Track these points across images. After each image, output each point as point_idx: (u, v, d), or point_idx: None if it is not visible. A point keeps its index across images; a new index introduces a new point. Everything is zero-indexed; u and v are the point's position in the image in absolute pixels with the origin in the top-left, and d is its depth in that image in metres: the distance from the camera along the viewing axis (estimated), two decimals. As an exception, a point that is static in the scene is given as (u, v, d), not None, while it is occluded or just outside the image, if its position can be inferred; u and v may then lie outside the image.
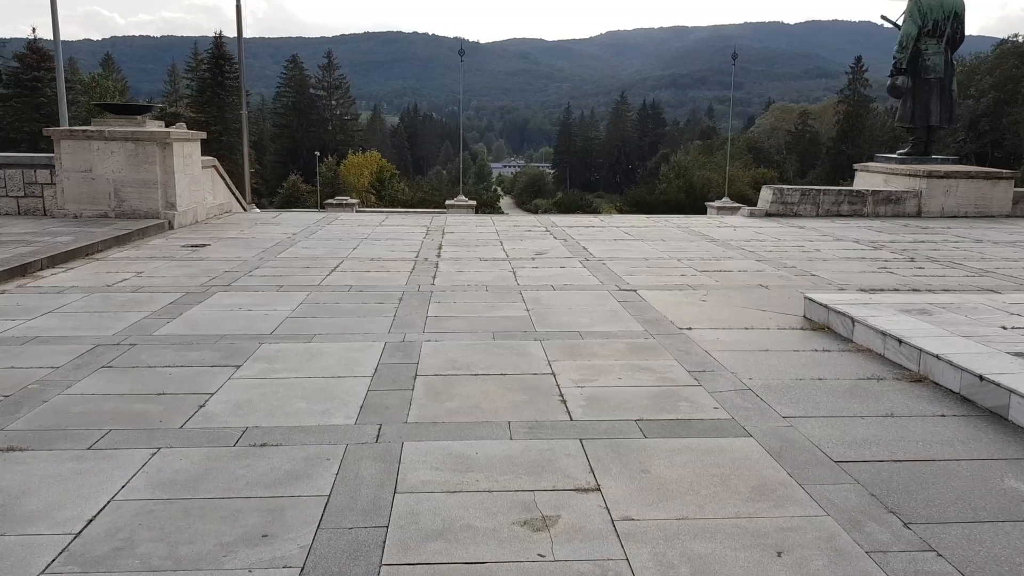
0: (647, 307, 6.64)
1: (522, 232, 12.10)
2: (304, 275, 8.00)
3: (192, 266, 8.50)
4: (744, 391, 4.44)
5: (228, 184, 15.14)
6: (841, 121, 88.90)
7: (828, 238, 11.83)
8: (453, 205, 37.93)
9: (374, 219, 13.78)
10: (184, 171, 11.98)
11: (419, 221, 13.52)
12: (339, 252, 9.64)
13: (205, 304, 6.60)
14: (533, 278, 8.01)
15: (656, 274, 8.32)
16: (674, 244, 10.80)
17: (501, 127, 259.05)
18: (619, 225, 13.19)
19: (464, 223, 13.57)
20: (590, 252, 9.92)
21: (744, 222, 14.05)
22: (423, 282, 7.71)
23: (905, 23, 15.91)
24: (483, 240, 11.09)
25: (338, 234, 11.49)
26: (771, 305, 6.81)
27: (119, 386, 4.44)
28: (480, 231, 12.23)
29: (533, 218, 14.86)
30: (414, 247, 10.24)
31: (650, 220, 14.16)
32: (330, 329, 5.77)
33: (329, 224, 12.77)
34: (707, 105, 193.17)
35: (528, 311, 6.45)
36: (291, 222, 12.99)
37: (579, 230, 12.40)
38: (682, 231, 12.40)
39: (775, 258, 9.61)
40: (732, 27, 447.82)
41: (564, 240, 11.14)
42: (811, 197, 15.17)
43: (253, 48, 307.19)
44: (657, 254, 9.82)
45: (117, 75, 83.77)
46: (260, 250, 9.71)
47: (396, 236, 11.43)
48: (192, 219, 12.32)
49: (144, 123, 11.72)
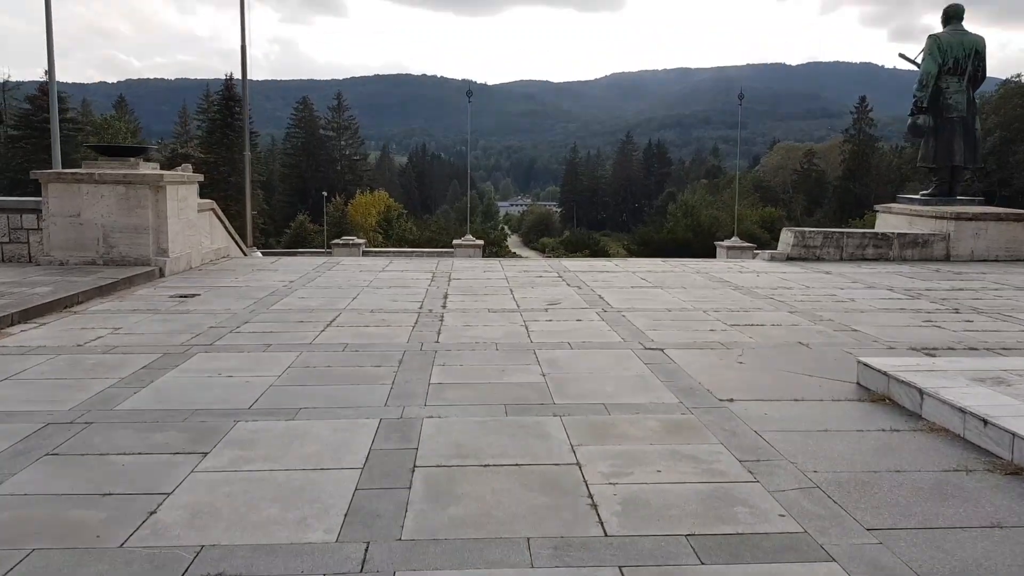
0: (678, 371, 5.89)
1: (533, 278, 11.42)
2: (296, 331, 7.30)
3: (176, 320, 7.82)
4: (811, 489, 3.67)
5: (227, 227, 14.57)
6: (847, 160, 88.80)
7: (859, 285, 11.08)
8: (460, 245, 37.38)
9: (377, 263, 13.14)
10: (178, 215, 11.40)
11: (424, 266, 12.87)
12: (337, 303, 8.95)
13: (181, 369, 5.89)
14: (547, 334, 7.29)
15: (682, 329, 7.58)
16: (697, 292, 10.08)
17: (508, 166, 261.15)
18: (635, 270, 12.50)
19: (472, 267, 12.91)
20: (607, 302, 9.21)
21: (766, 267, 13.34)
22: (427, 339, 6.99)
23: (924, 61, 15.40)
24: (492, 288, 10.40)
25: (338, 281, 10.82)
26: (817, 368, 6.05)
27: (60, 482, 3.70)
28: (488, 277, 11.55)
29: (544, 262, 14.20)
30: (418, 296, 9.55)
31: (667, 265, 13.46)
32: (318, 401, 5.04)
33: (330, 270, 12.12)
34: (711, 144, 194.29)
35: (544, 376, 5.71)
36: (290, 268, 12.35)
37: (593, 276, 11.70)
38: (703, 277, 11.69)
39: (808, 309, 8.87)
40: (735, 68, 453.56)
41: (578, 288, 10.44)
42: (834, 240, 14.47)
43: (265, 90, 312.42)
44: (680, 304, 9.09)
45: (129, 116, 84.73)
46: (253, 301, 9.03)
47: (399, 283, 10.76)
48: (186, 265, 11.70)
49: (137, 165, 11.19)
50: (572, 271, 12.32)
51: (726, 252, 38.04)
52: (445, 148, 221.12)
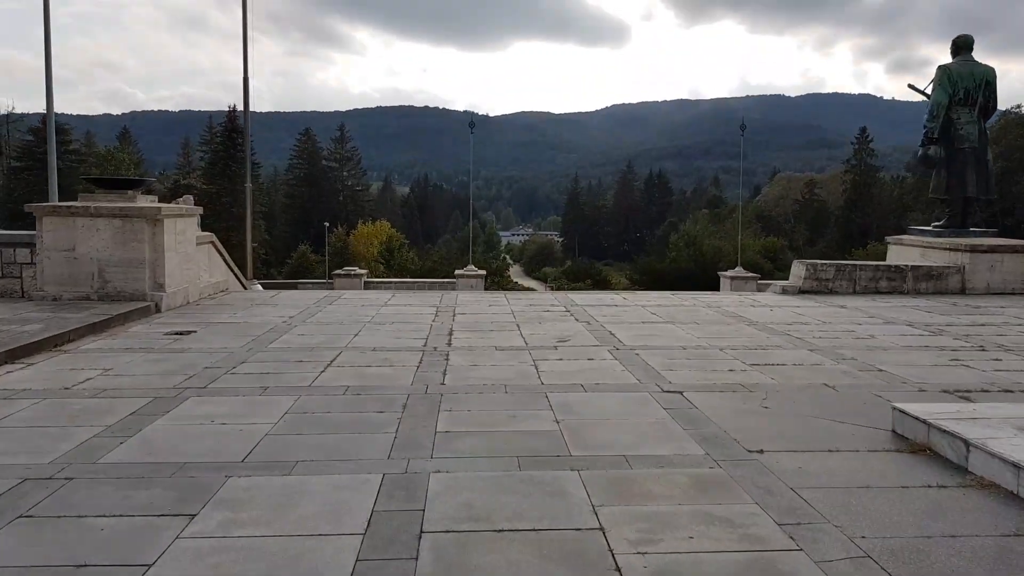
0: (700, 417, 5.53)
1: (540, 313, 11.09)
2: (295, 372, 6.96)
3: (170, 360, 7.48)
4: (862, 559, 3.30)
5: (227, 261, 14.30)
6: (849, 190, 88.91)
7: (877, 320, 10.74)
8: (462, 275, 37.07)
9: (379, 297, 12.82)
10: (176, 249, 11.13)
11: (427, 300, 12.56)
12: (338, 340, 8.62)
13: (172, 415, 5.54)
14: (558, 374, 6.94)
15: (700, 369, 7.23)
16: (710, 328, 9.74)
17: (510, 196, 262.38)
18: (644, 304, 12.17)
19: (476, 301, 12.59)
20: (619, 338, 8.87)
21: (778, 300, 13.01)
22: (432, 380, 6.64)
23: (935, 92, 15.25)
24: (498, 323, 10.07)
25: (339, 317, 10.50)
26: (847, 414, 5.69)
27: (29, 552, 3.35)
28: (494, 312, 11.23)
29: (550, 295, 13.90)
30: (422, 333, 9.22)
31: (676, 298, 13.14)
32: (317, 453, 4.69)
33: (330, 304, 11.81)
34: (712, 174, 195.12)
35: (557, 423, 5.35)
36: (290, 303, 12.04)
37: (602, 310, 11.37)
38: (715, 312, 11.35)
39: (828, 347, 8.52)
40: (735, 100, 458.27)
41: (587, 323, 10.10)
42: (847, 273, 14.17)
43: (269, 122, 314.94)
44: (694, 341, 8.75)
45: (133, 148, 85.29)
46: (250, 338, 8.70)
47: (402, 318, 10.43)
48: (183, 300, 11.39)
49: (135, 198, 10.95)
50: (580, 305, 11.99)
51: (730, 282, 37.69)
52: (447, 178, 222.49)
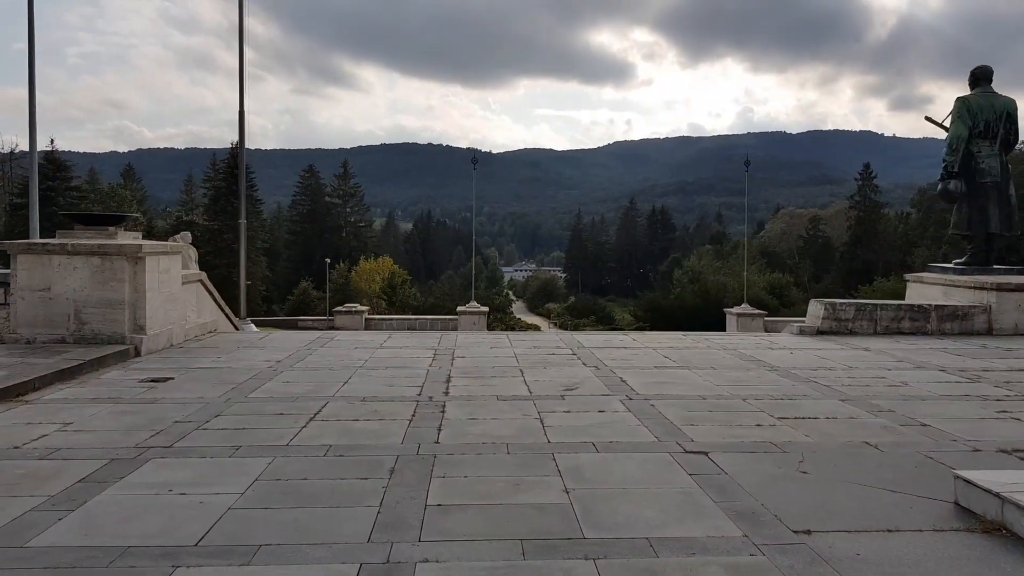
0: (731, 485, 4.81)
1: (545, 356, 10.39)
2: (273, 427, 6.26)
3: (138, 413, 6.79)
4: None
5: (216, 300, 13.68)
6: (853, 226, 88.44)
7: (907, 365, 10.02)
8: (464, 312, 36.33)
9: (375, 339, 12.14)
10: (159, 288, 10.50)
11: (426, 341, 11.87)
12: (326, 388, 7.92)
13: (126, 482, 4.84)
14: (567, 430, 6.23)
15: (724, 423, 6.51)
16: (729, 374, 9.03)
17: (513, 232, 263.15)
18: (655, 347, 11.47)
19: (477, 342, 11.91)
20: (631, 386, 8.16)
21: (797, 342, 12.30)
22: (425, 438, 5.94)
23: (954, 124, 14.73)
24: (500, 368, 9.37)
25: (330, 360, 9.81)
26: (900, 481, 4.96)
27: None
28: (496, 355, 10.53)
29: (555, 336, 13.20)
30: (417, 379, 8.52)
31: (689, 340, 12.44)
32: (285, 534, 3.97)
33: (322, 347, 11.13)
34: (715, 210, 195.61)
35: (567, 492, 4.64)
36: (279, 345, 11.36)
37: (610, 353, 10.67)
38: (731, 355, 10.64)
39: (860, 396, 7.80)
40: (736, 137, 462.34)
41: (596, 368, 9.40)
42: (868, 313, 13.47)
43: (274, 159, 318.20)
44: (713, 389, 8.03)
45: (136, 185, 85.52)
46: (231, 386, 8.01)
47: (398, 362, 9.74)
48: (166, 343, 10.73)
49: (115, 235, 10.37)
50: (587, 347, 11.29)
51: (736, 319, 36.94)
52: (450, 214, 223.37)
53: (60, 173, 52.70)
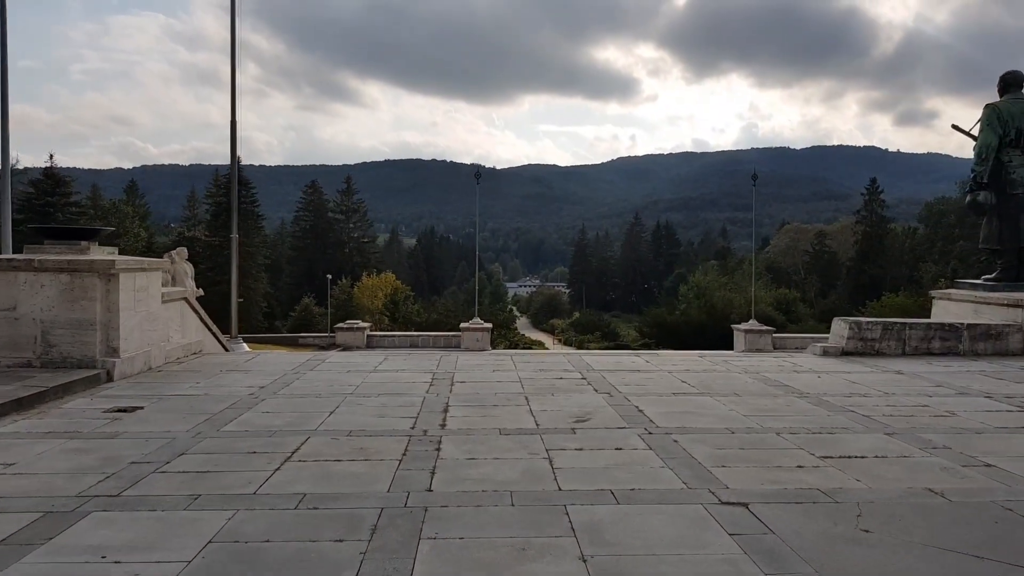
0: (782, 550, 3.98)
1: (552, 381, 9.56)
2: (242, 469, 5.44)
3: (93, 451, 5.98)
4: None
5: (203, 319, 12.91)
6: (860, 241, 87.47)
7: (947, 391, 9.17)
8: (468, 328, 35.48)
9: (369, 361, 11.33)
10: (135, 308, 9.73)
11: (423, 364, 11.05)
12: (308, 420, 7.11)
13: (53, 545, 4.03)
14: (580, 474, 5.40)
15: (760, 464, 5.68)
16: (755, 402, 8.19)
17: (516, 248, 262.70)
18: (671, 370, 10.63)
19: (479, 365, 11.09)
20: (649, 417, 7.33)
21: (822, 364, 11.45)
22: (415, 484, 5.12)
23: (983, 133, 13.94)
24: (503, 394, 8.55)
25: (318, 386, 9.00)
26: (982, 543, 4.12)
27: None
28: (499, 379, 9.71)
29: (562, 356, 12.37)
30: (412, 408, 7.70)
31: (706, 361, 11.61)
32: (231, 624, 3.16)
33: (312, 370, 10.32)
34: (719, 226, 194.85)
35: (584, 561, 3.81)
36: (265, 368, 10.55)
37: (623, 377, 9.84)
38: (754, 379, 9.80)
39: (906, 429, 6.96)
40: (740, 152, 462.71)
41: (608, 395, 8.57)
42: (895, 332, 12.63)
43: (278, 175, 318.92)
44: (742, 420, 7.20)
45: (139, 201, 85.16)
46: (204, 417, 7.20)
47: (392, 388, 8.93)
48: (143, 366, 9.94)
49: (88, 250, 9.61)
50: (597, 371, 10.46)
51: (744, 335, 35.99)
52: (454, 230, 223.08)
53: (59, 189, 52.13)
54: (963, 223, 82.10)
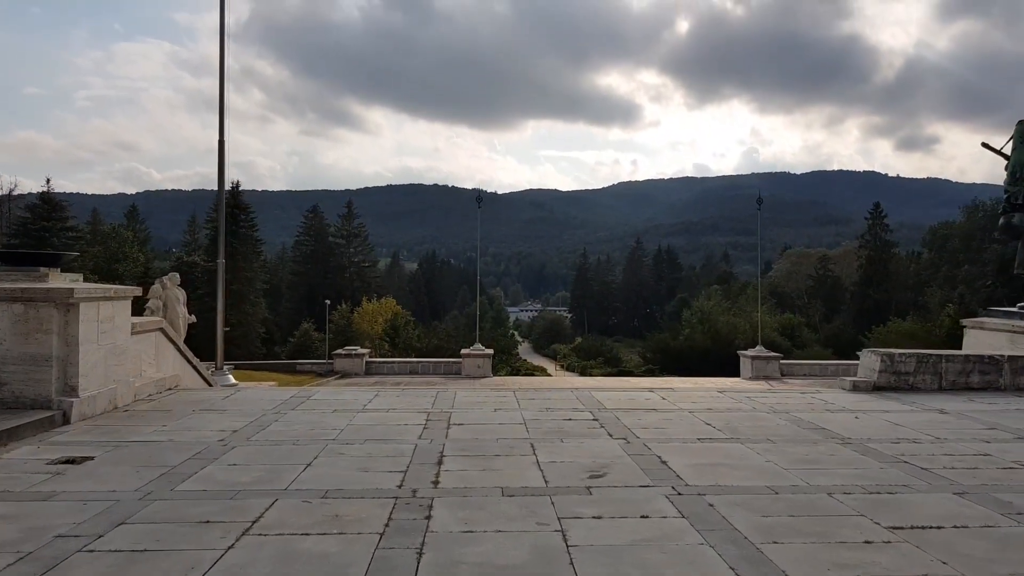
0: None
1: (560, 423, 8.58)
2: (187, 548, 4.46)
3: (15, 518, 5.00)
4: None
5: (181, 351, 11.97)
6: (864, 266, 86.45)
7: (1004, 435, 8.17)
8: (469, 354, 34.32)
9: (359, 398, 10.35)
10: (98, 341, 8.79)
11: (417, 402, 10.07)
12: (279, 476, 6.13)
13: (-92, 673, 3.06)
14: (601, 555, 4.41)
15: (817, 537, 4.68)
16: (793, 450, 7.20)
17: (518, 272, 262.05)
18: (691, 408, 9.65)
19: (479, 402, 10.12)
20: (675, 471, 6.35)
21: (855, 401, 10.46)
22: (398, 569, 4.13)
23: (1016, 151, 13.11)
24: (506, 440, 7.57)
25: (297, 430, 8.02)
26: None
27: None
28: (501, 420, 8.73)
29: (570, 391, 11.38)
30: (401, 460, 6.72)
31: (727, 397, 10.62)
32: None
33: (294, 409, 9.34)
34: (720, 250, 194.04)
35: None
36: (244, 407, 9.57)
37: (639, 418, 8.86)
38: (785, 420, 8.82)
39: (975, 485, 5.97)
40: (740, 177, 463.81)
41: (625, 440, 7.59)
42: (931, 365, 11.65)
43: (280, 200, 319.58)
44: (783, 475, 6.21)
45: (139, 226, 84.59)
46: (160, 471, 6.23)
47: (381, 432, 7.95)
48: (107, 405, 8.97)
49: (46, 277, 8.70)
50: (610, 410, 9.48)
51: (751, 362, 34.89)
52: (455, 255, 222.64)
53: (55, 213, 51.49)
54: (968, 248, 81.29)
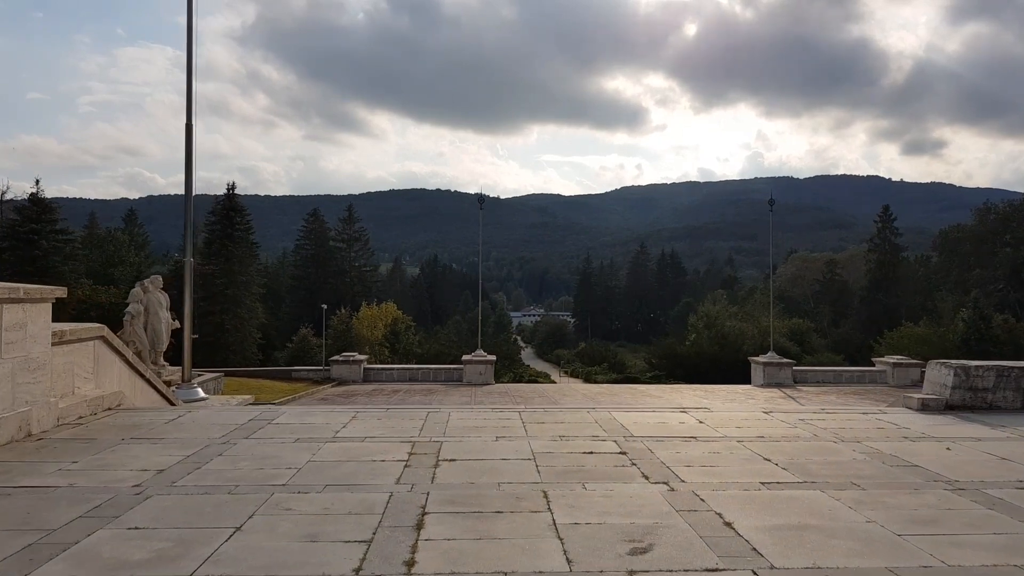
0: None
1: (579, 456, 6.80)
2: None
3: None
4: None
5: (130, 362, 10.20)
6: (873, 270, 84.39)
7: None
8: (470, 361, 32.47)
9: (332, 422, 8.56)
10: (5, 355, 7.04)
11: (403, 426, 8.29)
12: (189, 549, 4.34)
13: None
14: None
15: None
16: (894, 500, 5.40)
17: (520, 276, 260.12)
18: (736, 434, 7.85)
19: (477, 427, 8.34)
20: (747, 539, 4.55)
21: (935, 426, 8.65)
22: None
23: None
24: (510, 486, 5.78)
25: (241, 470, 6.24)
26: None
27: None
28: (504, 452, 6.95)
29: (585, 412, 9.59)
30: (367, 520, 4.94)
31: (775, 419, 8.82)
32: None
33: (249, 437, 7.56)
34: (723, 255, 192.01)
35: None
36: (189, 432, 7.79)
37: (676, 449, 7.07)
38: (861, 452, 7.02)
39: None
40: (743, 182, 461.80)
41: (667, 485, 5.80)
42: (1013, 380, 9.85)
43: (283, 204, 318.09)
44: (903, 549, 4.40)
45: (138, 230, 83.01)
46: (31, 538, 4.46)
47: (349, 472, 6.17)
48: (15, 432, 7.21)
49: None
50: (638, 437, 7.68)
51: (763, 368, 33.02)
52: (458, 259, 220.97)
53: (44, 215, 49.81)
54: (979, 252, 79.37)
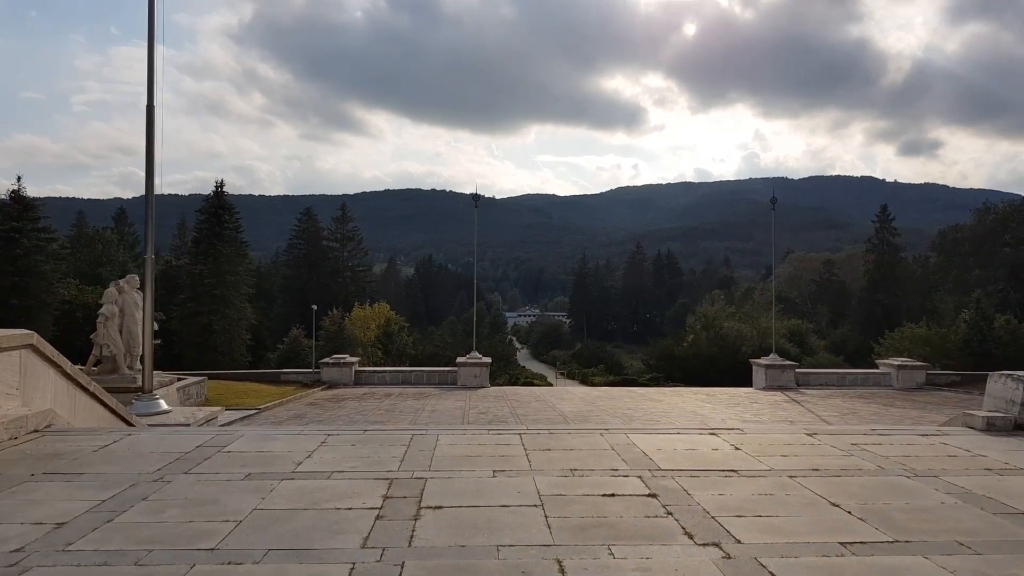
0: None
1: (597, 500, 5.41)
2: None
3: None
4: None
5: (68, 374, 8.77)
6: (872, 270, 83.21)
7: None
8: (465, 363, 31.03)
9: (296, 448, 7.15)
10: None
11: (380, 455, 6.88)
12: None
13: None
14: None
15: None
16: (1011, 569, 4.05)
17: (516, 277, 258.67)
18: (788, 469, 6.46)
19: (470, 457, 6.94)
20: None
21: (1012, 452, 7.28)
22: None
23: None
24: (512, 555, 4.38)
25: (163, 523, 4.82)
26: None
27: None
28: (503, 496, 5.55)
29: (598, 435, 8.20)
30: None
31: (825, 446, 7.45)
32: None
33: (188, 471, 6.14)
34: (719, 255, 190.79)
35: None
36: (118, 466, 6.36)
37: (718, 488, 5.69)
38: (947, 493, 5.65)
39: None
40: (738, 183, 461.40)
41: (719, 548, 4.41)
42: (1092, 394, 8.51)
43: (277, 204, 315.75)
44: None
45: (127, 229, 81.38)
46: None
47: (304, 526, 4.77)
48: (-102, 467, 5.79)
49: None
50: (667, 471, 6.29)
51: (764, 371, 31.67)
52: (453, 259, 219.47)
53: (26, 214, 48.21)
54: (979, 252, 78.30)
